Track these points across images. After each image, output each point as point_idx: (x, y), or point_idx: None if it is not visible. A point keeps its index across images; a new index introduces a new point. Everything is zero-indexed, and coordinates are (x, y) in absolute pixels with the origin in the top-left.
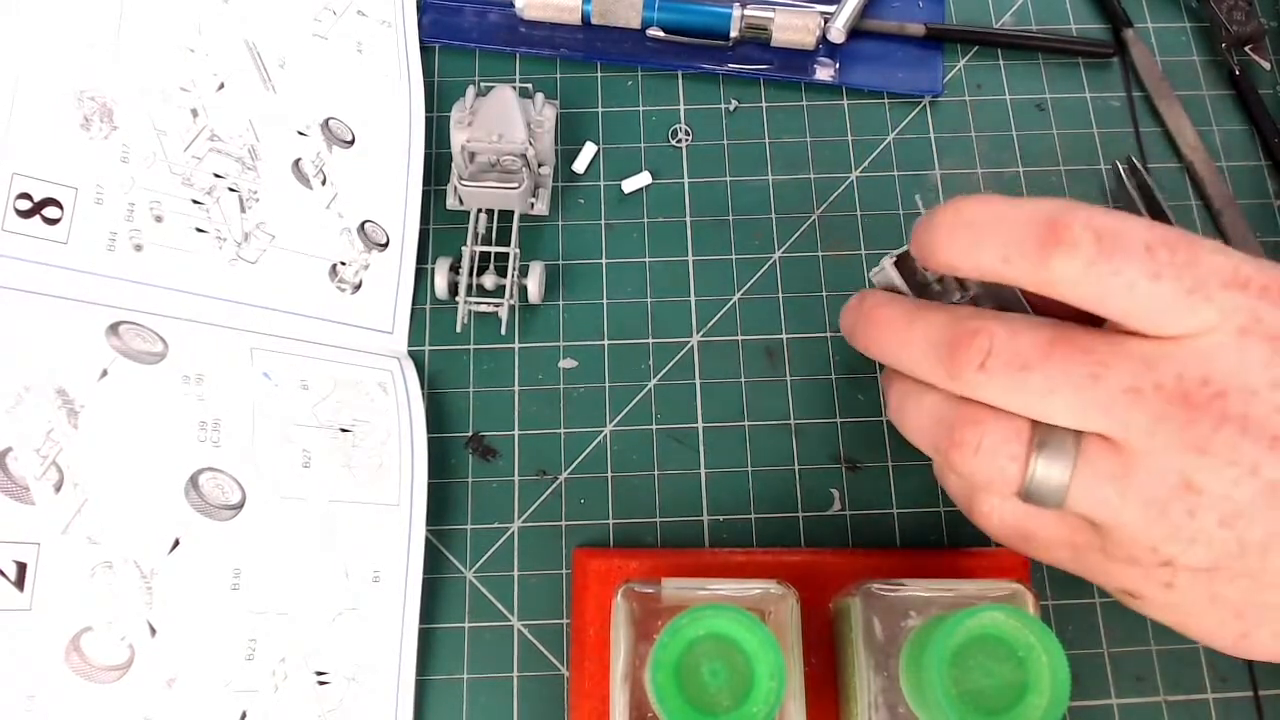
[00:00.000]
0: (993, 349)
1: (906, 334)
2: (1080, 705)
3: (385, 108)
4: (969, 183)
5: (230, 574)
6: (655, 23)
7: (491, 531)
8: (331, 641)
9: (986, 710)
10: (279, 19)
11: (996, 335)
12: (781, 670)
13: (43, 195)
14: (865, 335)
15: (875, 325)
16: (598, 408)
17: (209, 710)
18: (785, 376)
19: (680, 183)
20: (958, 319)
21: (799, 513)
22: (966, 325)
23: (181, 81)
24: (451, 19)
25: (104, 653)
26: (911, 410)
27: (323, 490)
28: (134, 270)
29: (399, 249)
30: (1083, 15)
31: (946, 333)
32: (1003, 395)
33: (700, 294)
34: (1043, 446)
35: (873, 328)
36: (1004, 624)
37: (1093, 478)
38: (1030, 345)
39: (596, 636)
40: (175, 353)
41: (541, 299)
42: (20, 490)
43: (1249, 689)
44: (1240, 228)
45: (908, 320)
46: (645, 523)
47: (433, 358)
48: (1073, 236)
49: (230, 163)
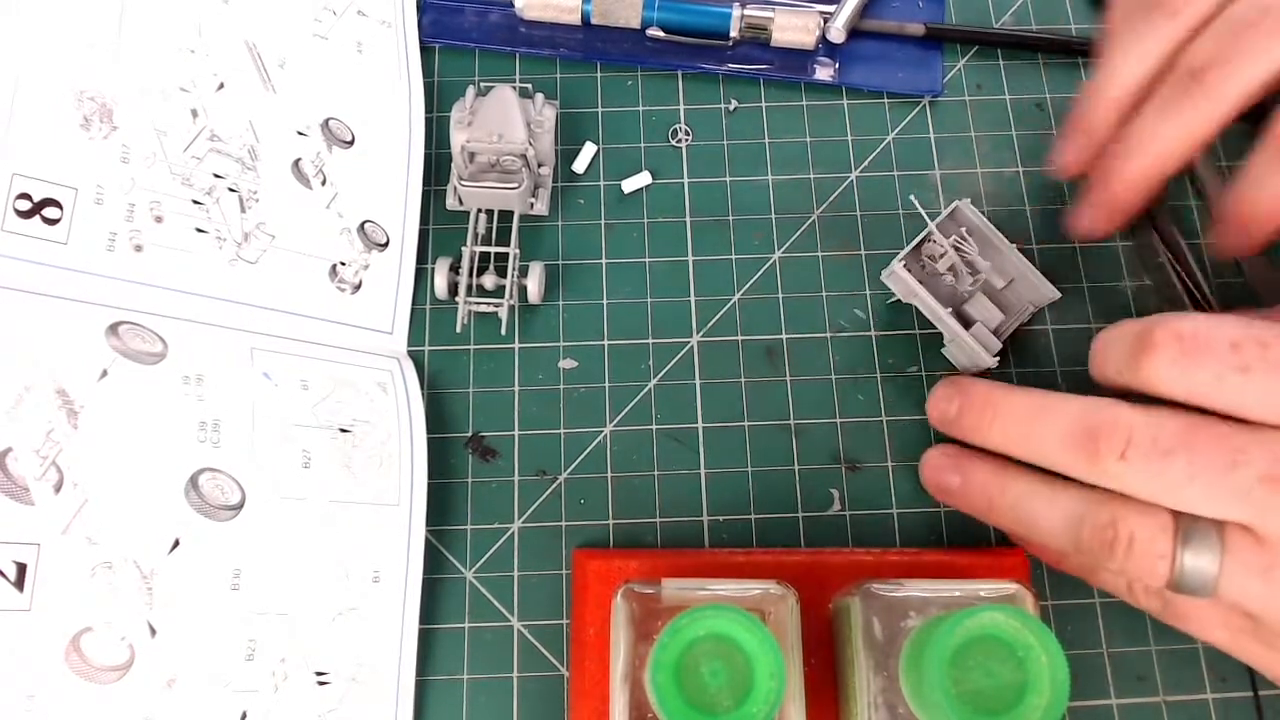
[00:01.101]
0: (1133, 438)
1: (1037, 423)
2: (1080, 705)
3: (385, 108)
4: (969, 182)
5: (230, 574)
6: (655, 23)
7: (491, 531)
8: (331, 641)
9: (986, 710)
10: (279, 19)
11: (1136, 423)
12: (781, 670)
13: (43, 195)
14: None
15: (998, 415)
16: (598, 408)
17: (209, 710)
18: (785, 376)
19: (680, 183)
20: (1094, 408)
21: (799, 513)
22: (1105, 414)
23: (181, 81)
24: (451, 19)
25: (104, 653)
26: (1043, 509)
27: (323, 490)
28: (134, 270)
29: (399, 249)
30: (1083, 15)
31: (1083, 422)
32: (1144, 483)
33: (700, 294)
34: (1189, 540)
35: (995, 418)
36: (1004, 624)
37: (1240, 570)
38: (1171, 433)
39: (596, 636)
40: (175, 353)
41: (541, 299)
42: (20, 490)
43: (1249, 689)
44: None
45: (1038, 408)
46: (645, 523)
47: (433, 358)
48: (1155, 341)
49: (230, 163)
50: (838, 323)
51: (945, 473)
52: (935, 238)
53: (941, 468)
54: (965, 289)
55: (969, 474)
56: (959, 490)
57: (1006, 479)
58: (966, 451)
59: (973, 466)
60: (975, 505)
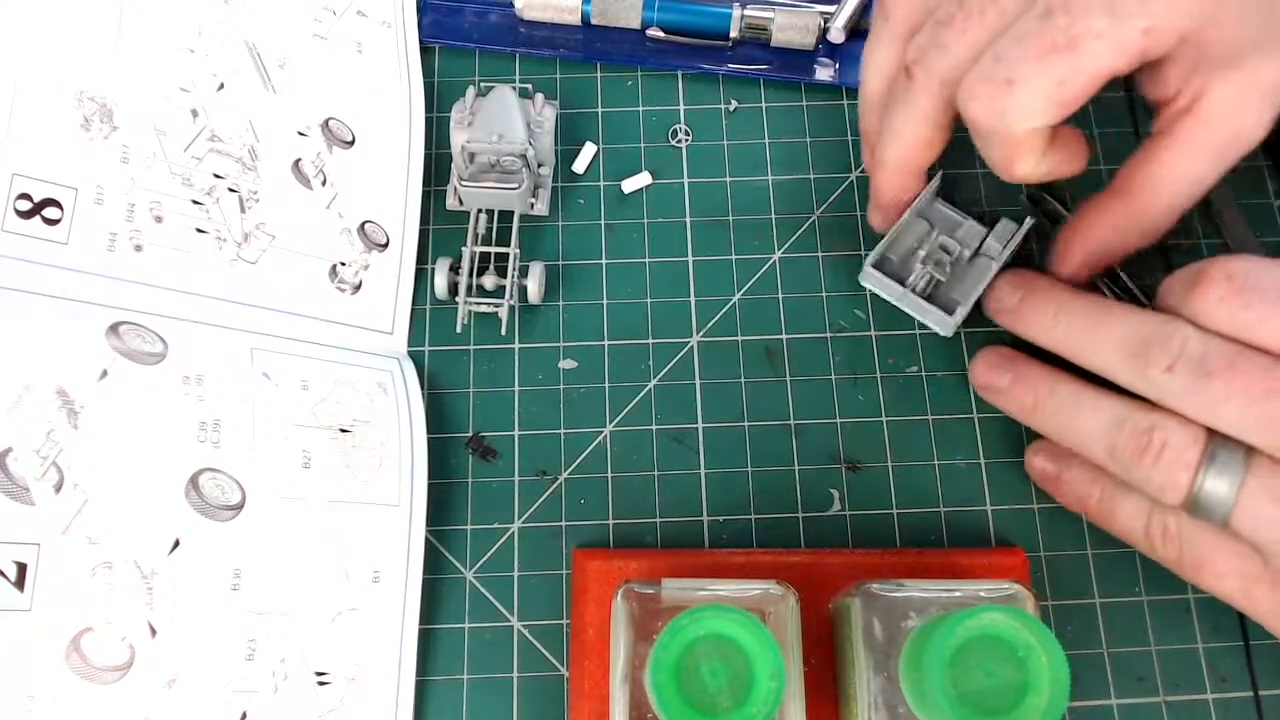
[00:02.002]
0: (1184, 353)
1: (1098, 325)
2: (1080, 705)
3: (385, 108)
4: (969, 182)
5: (230, 574)
6: (655, 23)
7: (491, 532)
8: (331, 642)
9: (986, 710)
10: (279, 19)
11: (1189, 340)
12: (781, 670)
13: (43, 195)
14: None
15: (1061, 310)
16: (598, 408)
17: (209, 710)
18: (785, 376)
19: (680, 183)
20: (1154, 320)
21: (799, 513)
22: (1163, 328)
23: (181, 82)
24: (451, 19)
25: (104, 653)
26: (1086, 411)
27: (323, 490)
28: (134, 270)
29: (399, 249)
30: None
31: (1141, 330)
32: (1184, 397)
33: (700, 294)
34: (1215, 456)
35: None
36: (1004, 624)
37: (1258, 494)
38: (1217, 355)
39: (596, 637)
40: (175, 353)
41: (541, 299)
42: (20, 491)
43: (1249, 689)
44: (1240, 228)
45: (1101, 311)
46: (645, 523)
47: (433, 358)
48: (1208, 277)
49: (230, 163)
50: (838, 323)
51: (996, 370)
52: None
53: (994, 365)
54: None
55: (1020, 371)
56: (1007, 388)
57: (1056, 380)
58: (1019, 353)
59: (1025, 365)
60: (1021, 403)
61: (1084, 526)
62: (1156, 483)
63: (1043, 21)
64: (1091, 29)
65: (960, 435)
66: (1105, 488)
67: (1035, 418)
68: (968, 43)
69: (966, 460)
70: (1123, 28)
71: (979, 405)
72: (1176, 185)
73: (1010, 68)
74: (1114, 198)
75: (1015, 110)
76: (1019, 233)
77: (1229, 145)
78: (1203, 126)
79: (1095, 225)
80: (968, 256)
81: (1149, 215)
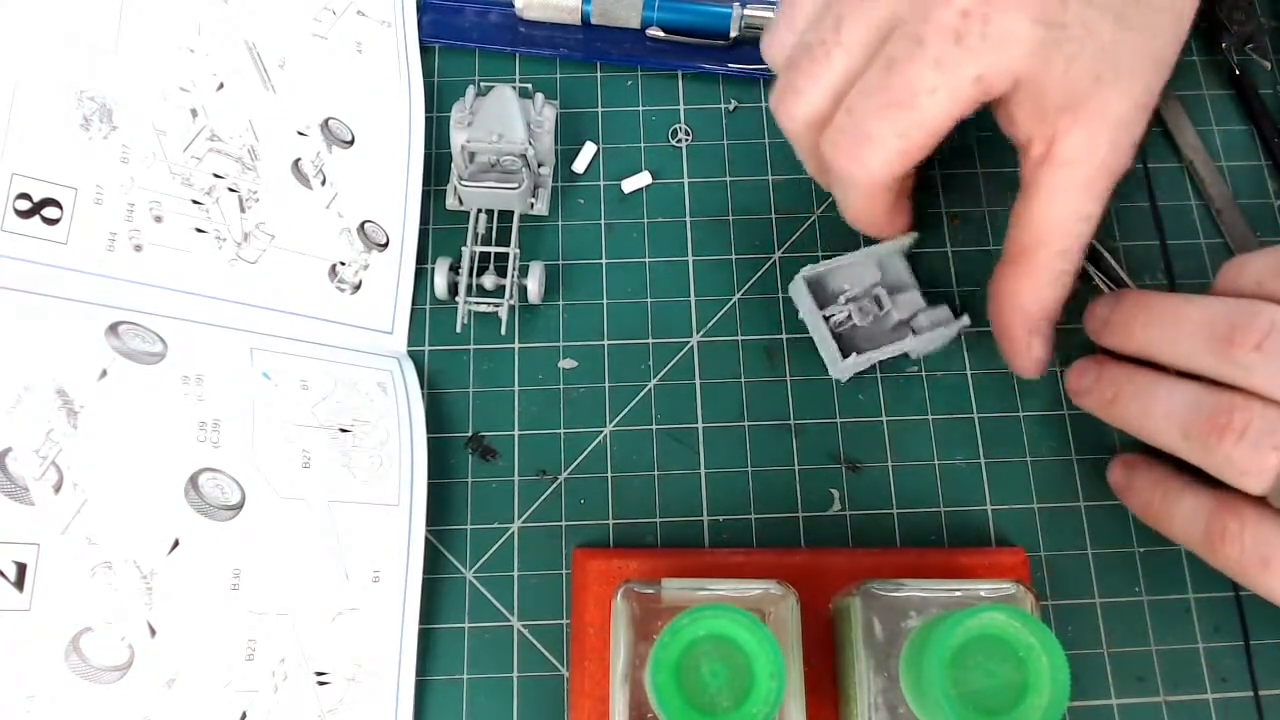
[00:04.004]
0: (1273, 330)
1: (1181, 316)
2: (1080, 705)
3: (385, 108)
4: (969, 182)
5: (230, 574)
6: (655, 22)
7: (491, 531)
8: (331, 641)
9: (986, 710)
10: (279, 19)
11: (1277, 320)
12: (781, 670)
13: (42, 195)
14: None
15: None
16: (598, 408)
17: (209, 710)
18: (785, 376)
19: (680, 183)
20: (1241, 304)
21: (799, 513)
22: (1250, 309)
23: (181, 81)
24: (451, 19)
25: (104, 653)
26: (1163, 395)
27: (323, 490)
28: (134, 270)
29: (399, 249)
30: None
31: (1228, 316)
32: (1272, 376)
33: (700, 294)
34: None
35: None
36: (1004, 624)
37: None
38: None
39: (596, 636)
40: (175, 353)
41: (541, 299)
42: (20, 490)
43: (1249, 689)
44: (1240, 228)
45: (1184, 302)
46: (645, 523)
47: (433, 358)
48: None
49: (230, 163)
50: None
51: (1085, 373)
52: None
53: (1083, 368)
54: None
55: (1104, 368)
56: (1091, 385)
57: (1136, 370)
58: (1106, 356)
59: (1108, 364)
60: (1103, 397)
61: (1084, 526)
62: (1238, 464)
63: (884, 75)
64: (925, 84)
65: (960, 435)
66: (1167, 490)
67: (1115, 409)
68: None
69: (966, 460)
70: (953, 78)
71: (979, 405)
72: (1061, 228)
73: (860, 121)
74: (1011, 265)
75: (875, 161)
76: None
77: (1095, 180)
78: (1064, 170)
79: (1010, 294)
80: (893, 322)
81: (1052, 265)
